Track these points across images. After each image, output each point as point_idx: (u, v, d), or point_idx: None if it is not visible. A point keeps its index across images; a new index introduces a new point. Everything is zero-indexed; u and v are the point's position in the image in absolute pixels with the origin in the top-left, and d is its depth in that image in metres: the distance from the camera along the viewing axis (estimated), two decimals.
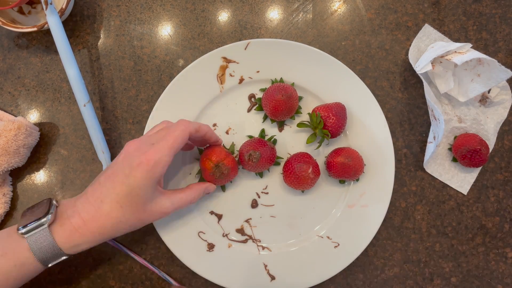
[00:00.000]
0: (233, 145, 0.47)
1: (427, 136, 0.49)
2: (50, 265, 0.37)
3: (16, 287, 0.37)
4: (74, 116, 0.49)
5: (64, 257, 0.37)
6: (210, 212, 0.47)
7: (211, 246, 0.46)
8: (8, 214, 0.48)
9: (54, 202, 0.38)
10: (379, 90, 0.50)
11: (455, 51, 0.46)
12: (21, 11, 0.49)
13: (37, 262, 0.36)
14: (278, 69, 0.48)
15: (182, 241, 0.46)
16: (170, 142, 0.37)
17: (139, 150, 0.36)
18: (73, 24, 0.50)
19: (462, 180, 0.49)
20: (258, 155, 0.43)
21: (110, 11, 0.50)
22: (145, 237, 0.48)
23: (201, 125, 0.41)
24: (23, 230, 0.36)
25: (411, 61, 0.48)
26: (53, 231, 0.36)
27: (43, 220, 0.36)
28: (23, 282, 0.37)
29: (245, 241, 0.47)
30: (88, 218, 0.36)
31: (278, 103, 0.44)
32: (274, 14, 0.50)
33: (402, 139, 0.49)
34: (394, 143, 0.48)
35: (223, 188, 0.47)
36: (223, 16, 0.50)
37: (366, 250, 0.47)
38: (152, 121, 0.46)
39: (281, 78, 0.48)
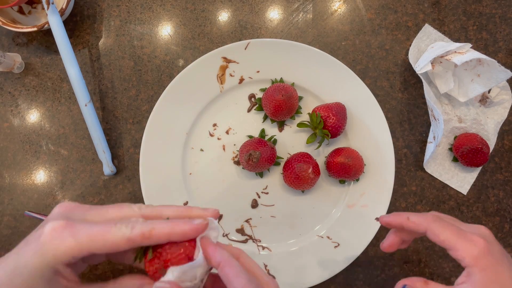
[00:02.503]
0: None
1: (427, 136, 0.49)
2: None
3: None
4: (74, 116, 0.49)
5: None
6: None
7: None
8: (9, 214, 0.48)
9: None
10: (379, 90, 0.50)
11: (455, 51, 0.46)
12: (21, 11, 0.49)
13: None
14: (278, 69, 0.48)
15: None
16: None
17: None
18: (73, 24, 0.50)
19: (462, 180, 0.49)
20: (258, 155, 0.43)
21: (110, 11, 0.50)
22: None
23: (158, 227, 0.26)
24: None
25: (411, 61, 0.48)
26: None
27: None
28: None
29: (245, 241, 0.47)
30: None
31: (278, 103, 0.44)
32: (274, 14, 0.50)
33: (402, 139, 0.49)
34: (394, 143, 0.47)
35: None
36: (223, 16, 0.50)
37: (366, 250, 0.47)
38: (152, 121, 0.46)
39: (281, 78, 0.48)
